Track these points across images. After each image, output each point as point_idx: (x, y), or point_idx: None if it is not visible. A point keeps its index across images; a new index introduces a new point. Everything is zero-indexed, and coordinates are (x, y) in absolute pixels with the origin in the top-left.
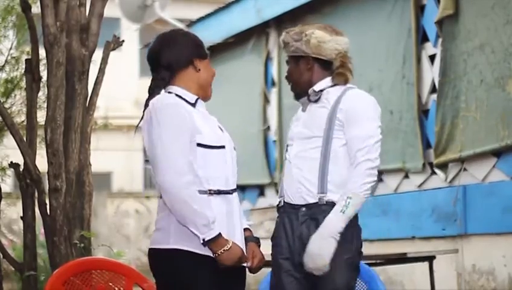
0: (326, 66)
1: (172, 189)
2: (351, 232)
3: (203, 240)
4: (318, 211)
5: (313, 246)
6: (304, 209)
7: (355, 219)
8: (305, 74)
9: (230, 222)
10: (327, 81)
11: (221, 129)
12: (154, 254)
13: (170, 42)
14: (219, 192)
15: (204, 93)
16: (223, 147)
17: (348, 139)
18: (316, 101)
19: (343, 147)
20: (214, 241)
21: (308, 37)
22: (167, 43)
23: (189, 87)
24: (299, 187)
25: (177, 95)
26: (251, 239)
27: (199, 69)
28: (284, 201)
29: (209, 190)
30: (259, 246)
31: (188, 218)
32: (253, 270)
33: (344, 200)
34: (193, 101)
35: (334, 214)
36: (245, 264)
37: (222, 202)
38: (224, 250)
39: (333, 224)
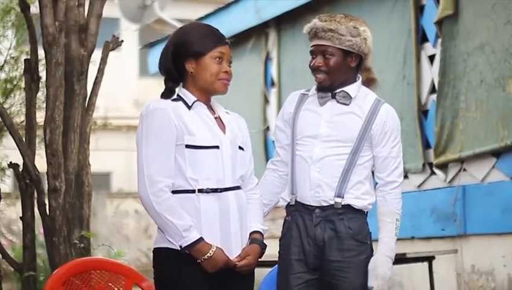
0: (360, 65)
1: (144, 198)
2: (366, 232)
3: (180, 246)
4: (333, 213)
5: (383, 270)
6: (318, 210)
7: (366, 217)
8: (348, 71)
9: (225, 220)
10: (358, 84)
11: (223, 128)
12: (153, 254)
13: (163, 50)
14: (209, 191)
15: (208, 93)
16: (216, 147)
17: (379, 156)
18: (342, 102)
19: (368, 161)
20: (192, 248)
21: (364, 36)
22: (162, 51)
23: (191, 90)
24: (317, 191)
25: (178, 96)
26: (256, 242)
27: (191, 72)
28: (296, 200)
29: (198, 189)
30: (262, 252)
31: (161, 225)
32: (242, 270)
33: (394, 223)
34: (190, 104)
35: (389, 239)
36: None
37: (213, 201)
38: (203, 259)
39: (391, 247)
